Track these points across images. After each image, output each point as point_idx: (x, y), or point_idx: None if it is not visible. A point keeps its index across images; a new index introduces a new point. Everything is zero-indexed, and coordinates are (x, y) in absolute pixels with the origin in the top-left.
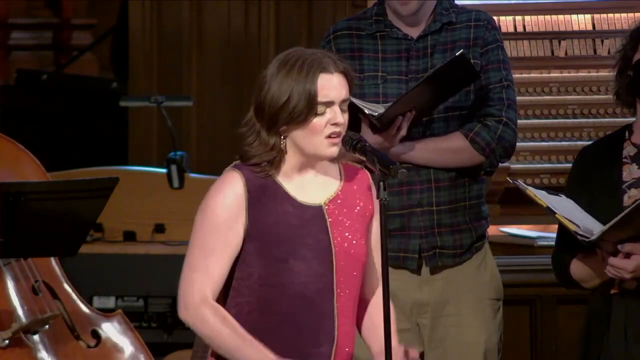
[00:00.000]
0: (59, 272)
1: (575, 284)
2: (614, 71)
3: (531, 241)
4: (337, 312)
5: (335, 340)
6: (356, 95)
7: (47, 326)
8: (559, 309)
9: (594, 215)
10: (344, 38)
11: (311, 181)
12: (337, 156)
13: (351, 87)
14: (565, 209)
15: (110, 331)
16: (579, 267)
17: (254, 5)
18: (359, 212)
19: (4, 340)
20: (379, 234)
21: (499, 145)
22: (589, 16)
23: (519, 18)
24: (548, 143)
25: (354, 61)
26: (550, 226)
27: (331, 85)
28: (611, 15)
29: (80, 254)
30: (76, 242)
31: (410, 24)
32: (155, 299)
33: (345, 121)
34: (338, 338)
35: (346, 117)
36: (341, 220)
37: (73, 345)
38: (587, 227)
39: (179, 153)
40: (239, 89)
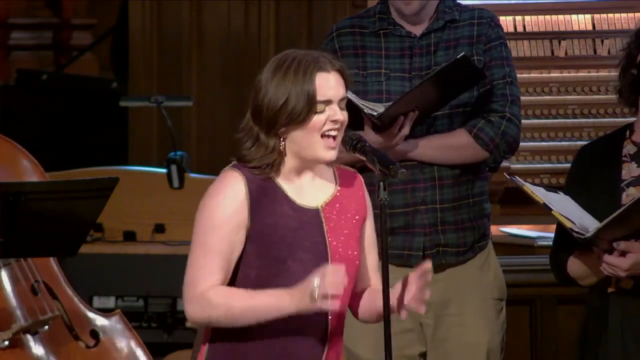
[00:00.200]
0: (58, 272)
1: (572, 282)
2: (617, 70)
3: (531, 241)
4: (330, 315)
5: (327, 343)
6: (359, 92)
7: (46, 327)
8: (559, 309)
9: (592, 213)
10: (346, 36)
11: (308, 184)
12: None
13: (347, 85)
14: (562, 206)
15: (109, 331)
16: (576, 265)
17: (254, 5)
18: (353, 215)
19: (4, 341)
20: (373, 235)
21: (502, 140)
22: (589, 16)
23: (519, 18)
24: (548, 143)
25: (357, 58)
26: (550, 226)
27: (329, 84)
28: (611, 15)
29: (80, 254)
30: (76, 242)
31: (413, 22)
32: (155, 299)
33: (344, 119)
34: (330, 342)
35: (345, 115)
36: (337, 223)
37: (72, 346)
38: (584, 225)
39: (179, 153)
40: (239, 89)
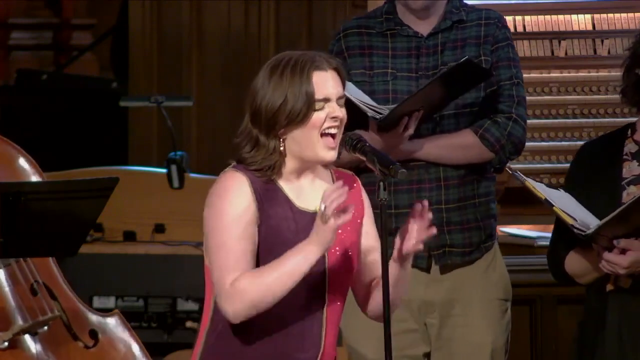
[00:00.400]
0: (57, 273)
1: (569, 279)
2: (621, 69)
3: (531, 241)
4: (327, 318)
5: (322, 346)
6: (366, 92)
7: (46, 327)
8: (559, 309)
9: (592, 211)
10: (353, 36)
11: (307, 187)
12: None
13: (344, 83)
14: (563, 202)
15: (108, 331)
16: (574, 262)
17: (254, 5)
18: (350, 221)
19: (4, 341)
20: (375, 231)
21: (508, 141)
22: (589, 16)
23: (519, 18)
24: (548, 143)
25: (363, 58)
26: (550, 226)
27: (326, 82)
28: (611, 15)
29: (80, 254)
30: (76, 242)
31: (422, 17)
32: (155, 299)
33: (343, 116)
34: (325, 344)
35: (344, 113)
36: None
37: (71, 346)
38: (585, 222)
39: (179, 153)
40: (239, 89)
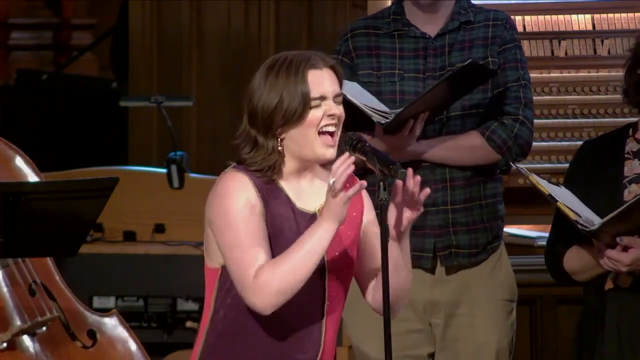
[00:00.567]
0: (55, 273)
1: (566, 277)
2: (623, 69)
3: (531, 241)
4: (326, 318)
5: (321, 347)
6: (373, 92)
7: (44, 328)
8: (559, 309)
9: (592, 209)
10: (361, 36)
11: (307, 188)
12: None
13: (341, 82)
14: (565, 198)
15: (107, 331)
16: (574, 259)
17: (254, 5)
18: (350, 218)
19: (3, 342)
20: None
21: (515, 143)
22: (589, 16)
23: (519, 18)
24: (548, 143)
25: (371, 59)
26: (550, 226)
27: (322, 81)
28: (611, 15)
29: (80, 254)
30: (76, 242)
31: (431, 11)
32: (155, 299)
33: (340, 114)
34: (324, 345)
35: (341, 110)
36: None
37: (69, 346)
38: (588, 218)
39: (179, 153)
40: (239, 89)
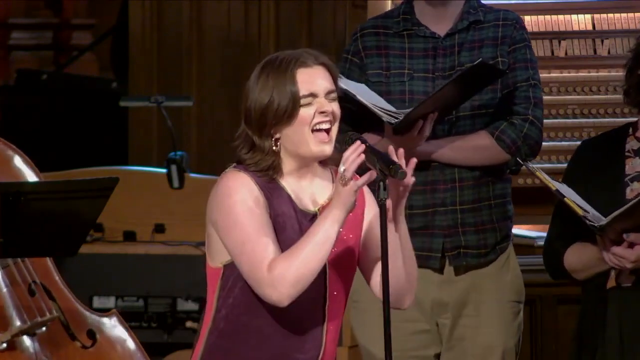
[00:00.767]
0: (54, 272)
1: (565, 275)
2: (623, 70)
3: (531, 241)
4: (327, 318)
5: (322, 347)
6: (382, 92)
7: (44, 328)
8: (559, 309)
9: (593, 207)
10: (370, 36)
11: (307, 187)
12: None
13: (335, 78)
14: (570, 195)
15: (106, 331)
16: (574, 257)
17: (254, 5)
18: (351, 216)
19: (2, 343)
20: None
21: (524, 143)
22: (589, 16)
23: None
24: (548, 143)
25: (380, 58)
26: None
27: (312, 78)
28: (611, 15)
29: (80, 254)
30: (76, 242)
31: (441, 5)
32: (155, 299)
33: (334, 110)
34: (325, 345)
35: (335, 107)
36: None
37: (69, 346)
38: (595, 214)
39: (179, 153)
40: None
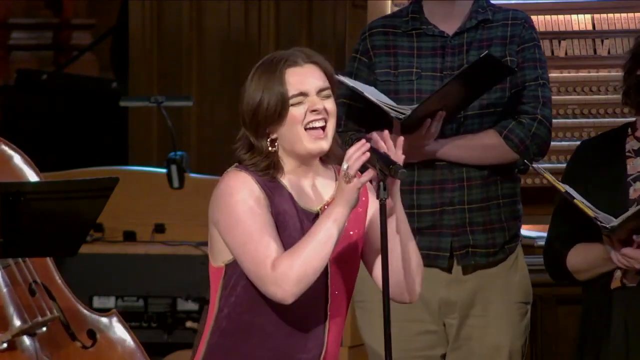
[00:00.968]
0: (54, 272)
1: (566, 276)
2: (622, 70)
3: (531, 241)
4: (329, 318)
5: (324, 346)
6: (390, 91)
7: (44, 328)
8: (559, 309)
9: (595, 207)
10: (378, 35)
11: (309, 187)
12: (329, 158)
13: (328, 76)
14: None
15: (106, 331)
16: (579, 257)
17: (254, 5)
18: (353, 214)
19: (3, 343)
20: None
21: (533, 142)
22: (589, 16)
23: None
24: None
25: (389, 58)
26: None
27: (302, 77)
28: (611, 15)
29: (80, 254)
30: (76, 242)
31: (448, 6)
32: (155, 299)
33: (329, 108)
34: (327, 344)
35: (329, 105)
36: None
37: (69, 346)
38: (605, 215)
39: (179, 153)
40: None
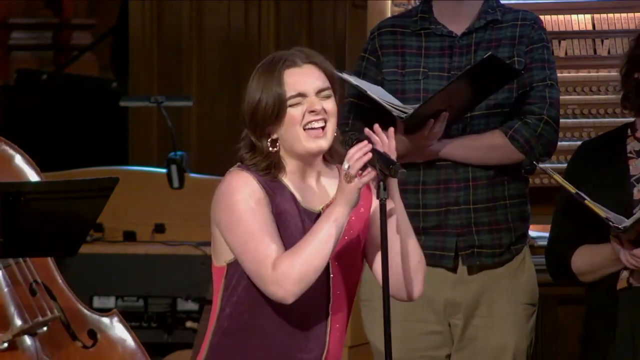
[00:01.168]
0: (55, 272)
1: (569, 277)
2: (620, 72)
3: (531, 241)
4: (331, 317)
5: (326, 346)
6: (397, 91)
7: (45, 328)
8: (559, 309)
9: None
10: (387, 35)
11: (311, 186)
12: (332, 158)
13: (328, 76)
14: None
15: (107, 331)
16: (585, 258)
17: (254, 5)
18: (356, 213)
19: (3, 342)
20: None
21: (538, 143)
22: (589, 16)
23: None
24: None
25: (396, 57)
26: (550, 226)
27: (300, 78)
28: (611, 15)
29: (80, 254)
30: (76, 242)
31: (456, 6)
32: (155, 299)
33: (328, 109)
34: (329, 344)
35: (328, 106)
36: None
37: (70, 346)
38: (616, 216)
39: (179, 153)
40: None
